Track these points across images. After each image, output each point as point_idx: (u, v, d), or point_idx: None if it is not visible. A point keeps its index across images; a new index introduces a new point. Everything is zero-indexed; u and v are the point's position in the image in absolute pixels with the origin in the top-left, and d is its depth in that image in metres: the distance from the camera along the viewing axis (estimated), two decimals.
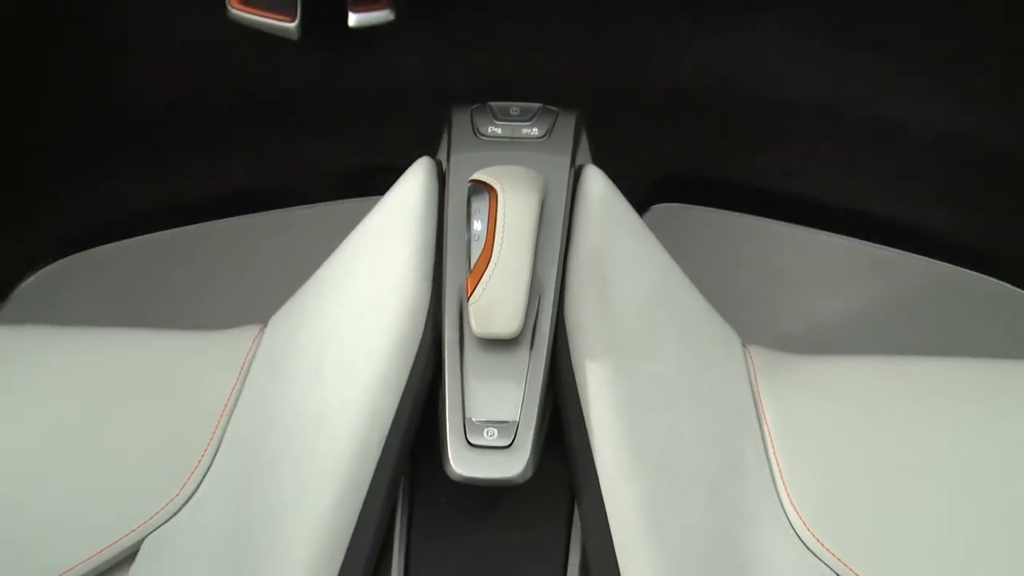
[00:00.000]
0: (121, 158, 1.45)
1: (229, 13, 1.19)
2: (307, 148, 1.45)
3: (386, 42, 1.35)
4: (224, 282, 1.34)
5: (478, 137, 0.87)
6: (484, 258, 0.75)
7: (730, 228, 1.39)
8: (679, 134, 1.44)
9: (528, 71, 1.40)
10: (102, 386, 0.84)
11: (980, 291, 1.35)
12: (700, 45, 1.43)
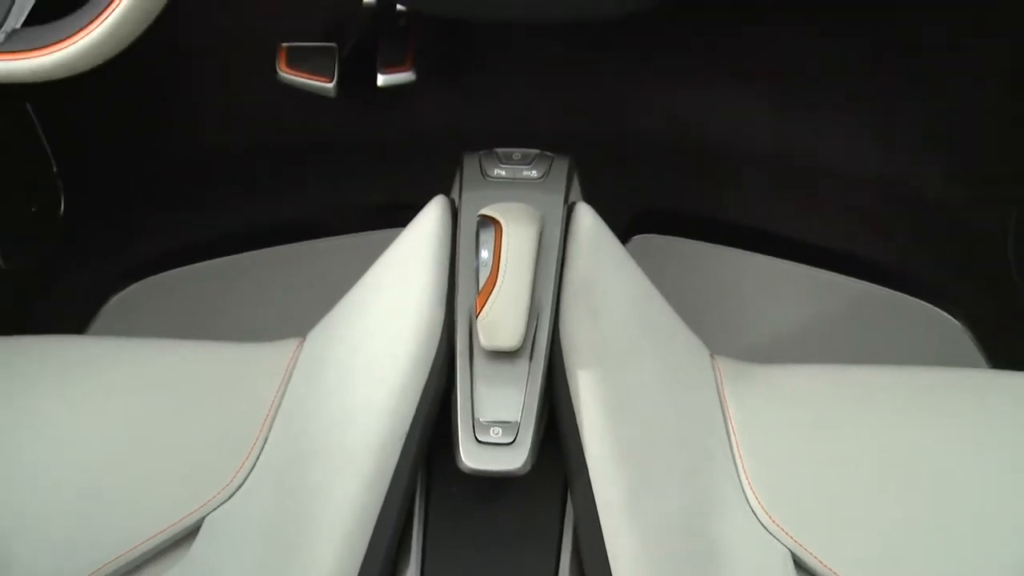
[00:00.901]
0: (188, 196, 1.46)
1: (278, 75, 1.19)
2: (341, 187, 1.45)
3: (409, 98, 1.35)
4: (269, 302, 1.34)
5: (485, 178, 0.86)
6: (490, 282, 0.74)
7: (699, 255, 1.39)
8: (655, 175, 1.43)
9: (527, 122, 1.40)
10: (168, 388, 0.84)
11: (905, 308, 1.35)
12: (670, 101, 1.43)
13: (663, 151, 1.42)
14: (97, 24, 0.67)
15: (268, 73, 1.20)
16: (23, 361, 0.86)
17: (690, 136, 1.42)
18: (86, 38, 0.68)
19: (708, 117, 1.41)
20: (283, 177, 1.45)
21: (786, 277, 1.37)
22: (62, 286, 1.34)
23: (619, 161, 1.37)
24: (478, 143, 0.91)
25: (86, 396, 0.82)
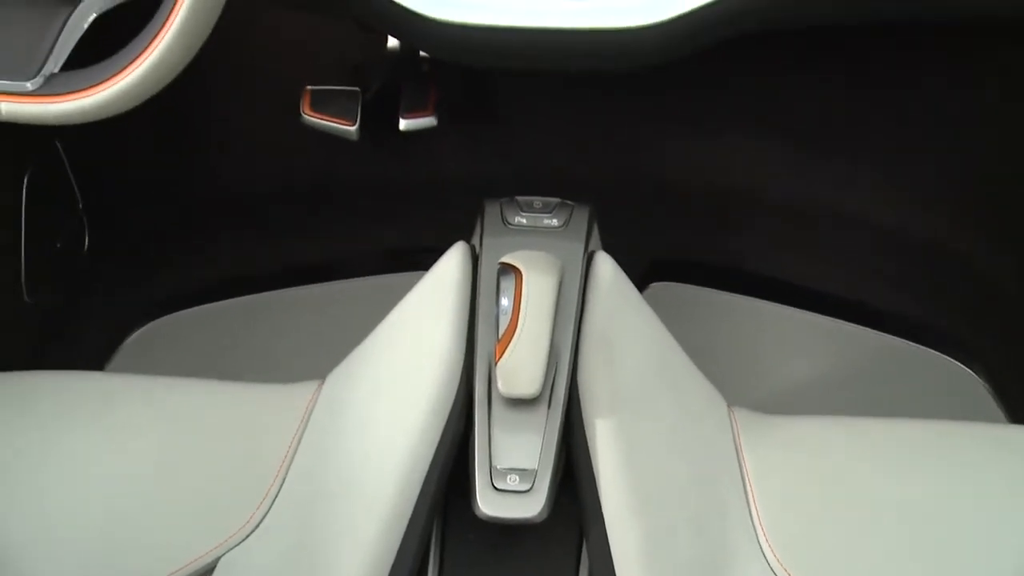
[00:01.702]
0: (209, 235, 1.47)
1: (302, 118, 1.21)
2: (361, 230, 1.47)
3: (430, 143, 1.37)
4: (288, 342, 1.35)
5: (506, 226, 0.87)
6: (510, 329, 0.75)
7: (716, 304, 1.39)
8: (673, 222, 1.44)
9: (547, 168, 1.41)
10: (187, 427, 0.84)
11: (923, 360, 1.34)
12: (689, 148, 1.44)
13: (681, 198, 1.43)
14: (130, 70, 0.69)
15: (292, 115, 1.22)
16: (43, 397, 0.87)
17: (708, 184, 1.43)
18: (119, 83, 0.69)
19: (727, 165, 1.43)
20: (304, 218, 1.46)
21: (803, 327, 1.37)
22: (83, 322, 1.36)
23: (637, 208, 1.38)
24: (498, 189, 0.93)
25: (105, 433, 0.83)
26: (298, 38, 1.36)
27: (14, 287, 1.22)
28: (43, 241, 1.26)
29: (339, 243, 1.47)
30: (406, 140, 1.24)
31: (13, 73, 0.70)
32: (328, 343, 1.00)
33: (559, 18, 0.80)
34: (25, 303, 1.24)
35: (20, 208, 1.21)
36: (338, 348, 0.92)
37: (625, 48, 0.84)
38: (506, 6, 0.81)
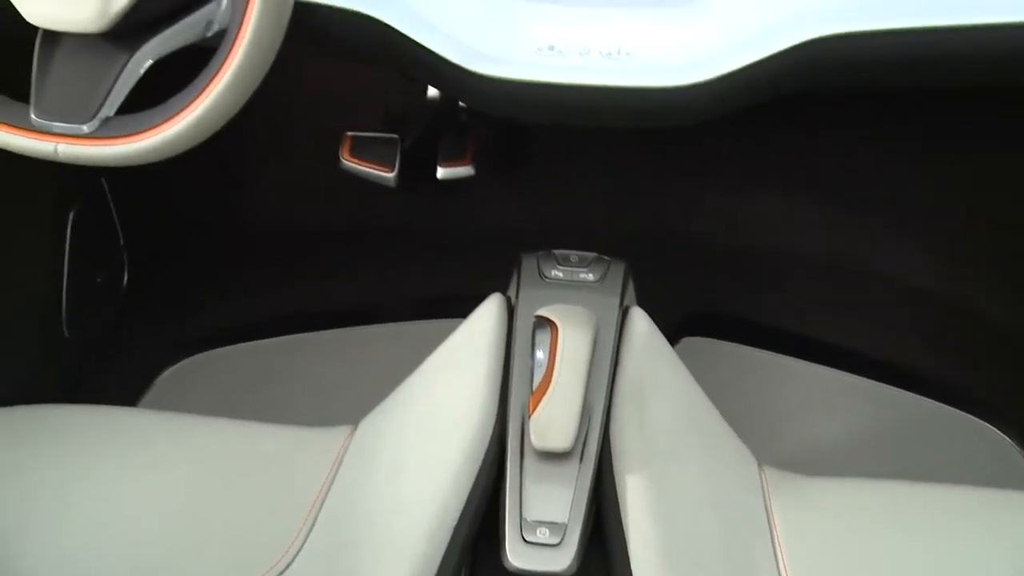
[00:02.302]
0: (245, 276, 1.49)
1: (341, 163, 1.22)
2: (396, 275, 1.48)
3: (467, 192, 1.38)
4: (320, 384, 1.36)
5: (543, 279, 0.88)
6: (545, 383, 0.75)
7: (748, 361, 1.39)
8: (706, 277, 1.45)
9: (581, 219, 1.42)
10: (218, 467, 0.85)
11: (955, 423, 1.33)
12: (724, 204, 1.45)
13: (715, 254, 1.43)
14: (182, 117, 0.70)
15: (331, 160, 1.23)
16: (77, 430, 0.88)
17: (743, 240, 1.43)
18: (171, 129, 0.71)
19: (761, 222, 1.43)
20: (340, 262, 1.48)
21: (834, 387, 1.36)
22: (119, 357, 1.37)
23: (671, 262, 1.38)
24: (533, 240, 0.93)
25: (136, 469, 0.84)
26: (339, 84, 1.38)
27: (55, 320, 1.24)
28: (84, 276, 1.28)
29: (373, 288, 1.48)
30: (443, 188, 1.25)
31: (71, 116, 0.71)
32: (360, 388, 1.00)
33: (603, 75, 0.81)
34: (64, 336, 1.25)
35: (64, 243, 1.23)
36: (370, 393, 0.93)
37: (668, 106, 0.84)
38: (551, 62, 0.82)
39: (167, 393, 1.36)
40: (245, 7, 0.67)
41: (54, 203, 1.23)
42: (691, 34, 0.83)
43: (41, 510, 0.80)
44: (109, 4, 0.67)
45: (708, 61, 0.82)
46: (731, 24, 0.83)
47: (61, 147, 0.72)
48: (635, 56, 0.82)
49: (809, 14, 0.81)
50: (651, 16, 0.84)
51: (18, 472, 0.83)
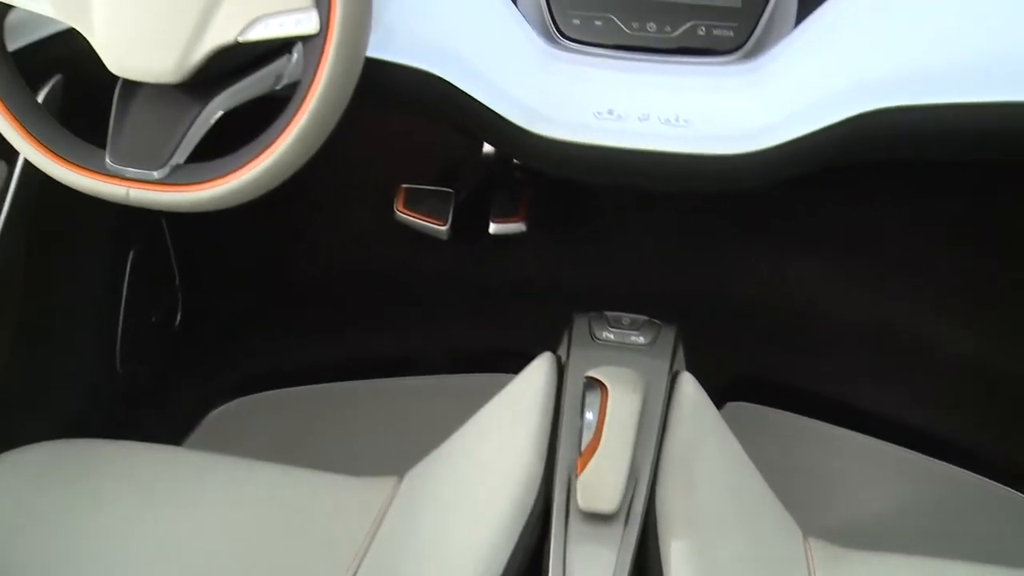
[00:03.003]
0: (296, 321, 1.50)
1: (395, 214, 1.24)
2: (445, 327, 1.48)
3: (518, 248, 1.39)
4: (365, 433, 1.36)
5: (594, 340, 0.88)
6: (593, 444, 0.75)
7: (793, 428, 1.37)
8: (753, 341, 1.44)
9: (630, 280, 1.42)
10: (262, 511, 0.85)
11: (1004, 500, 1.30)
12: (771, 268, 1.44)
13: (763, 318, 1.43)
14: (249, 168, 0.72)
15: (385, 210, 1.25)
16: (122, 467, 0.88)
17: (790, 304, 1.43)
18: (237, 180, 0.72)
19: (810, 288, 1.42)
20: (390, 311, 1.49)
21: (881, 458, 1.34)
22: (168, 395, 1.39)
23: (719, 324, 1.38)
24: (581, 297, 0.94)
25: (178, 509, 0.84)
26: (396, 136, 1.40)
27: (109, 356, 1.25)
28: (140, 314, 1.30)
29: (421, 339, 1.49)
30: (494, 243, 1.26)
31: (143, 162, 0.73)
32: (404, 438, 1.01)
33: (661, 141, 0.82)
34: (117, 373, 1.27)
35: (123, 281, 1.26)
36: (414, 444, 0.93)
37: (724, 173, 0.85)
38: (609, 126, 0.83)
39: (213, 434, 1.38)
40: (318, 62, 0.68)
41: (116, 241, 1.25)
42: (749, 103, 0.84)
43: (83, 544, 0.81)
44: (187, 58, 0.69)
45: (765, 130, 0.83)
46: (789, 94, 0.83)
47: (133, 192, 0.74)
48: (693, 123, 0.83)
49: (867, 86, 0.81)
50: (710, 84, 0.84)
51: (63, 505, 0.84)
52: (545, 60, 0.84)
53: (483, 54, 0.85)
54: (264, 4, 0.68)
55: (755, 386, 1.40)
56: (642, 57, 0.85)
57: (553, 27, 0.85)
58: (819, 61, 0.83)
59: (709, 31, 0.84)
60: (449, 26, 0.86)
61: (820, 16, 0.84)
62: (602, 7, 0.84)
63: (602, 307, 0.92)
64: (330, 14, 0.67)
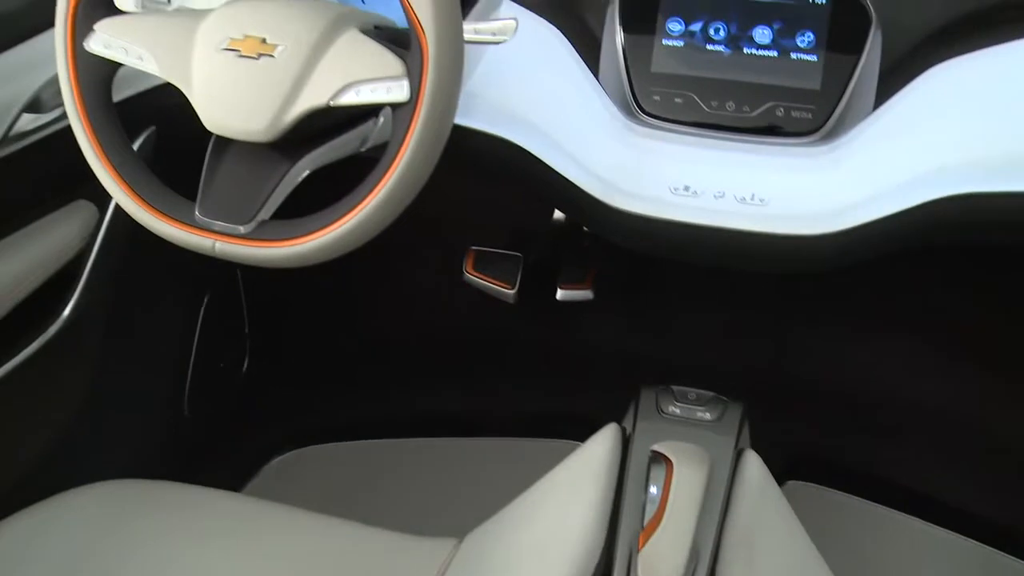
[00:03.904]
0: (361, 375, 1.52)
1: (464, 276, 1.25)
2: (509, 389, 1.49)
3: (583, 315, 1.39)
4: (423, 491, 1.36)
5: (660, 414, 0.88)
6: (656, 519, 0.74)
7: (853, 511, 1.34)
8: (815, 421, 1.42)
9: (695, 353, 1.41)
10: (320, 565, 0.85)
11: None
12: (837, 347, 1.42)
13: (826, 397, 1.41)
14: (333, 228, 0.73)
15: (454, 271, 1.26)
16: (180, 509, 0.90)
17: (854, 384, 1.40)
18: (321, 239, 0.74)
19: (877, 370, 1.40)
20: (454, 371, 1.50)
21: (943, 548, 1.30)
22: (231, 441, 1.40)
23: (783, 402, 1.36)
24: (646, 367, 0.94)
25: (234, 555, 0.85)
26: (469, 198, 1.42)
27: (178, 400, 1.28)
28: (209, 359, 1.33)
29: (484, 400, 1.49)
30: (561, 309, 1.26)
31: (230, 216, 0.75)
32: (464, 499, 1.00)
33: (736, 219, 0.82)
34: (184, 416, 1.29)
35: (196, 325, 1.28)
36: (472, 506, 0.93)
37: (798, 254, 0.84)
38: (685, 202, 0.83)
39: (273, 482, 1.39)
40: (407, 129, 0.69)
41: (193, 287, 1.28)
42: (826, 185, 0.84)
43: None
44: (279, 119, 0.71)
45: (841, 213, 0.83)
46: (867, 177, 0.83)
47: (219, 245, 0.75)
48: (769, 202, 0.83)
49: (945, 172, 0.81)
50: (787, 164, 0.85)
51: (120, 543, 0.85)
52: (624, 134, 0.86)
53: (563, 125, 0.87)
54: (357, 71, 0.70)
55: (816, 465, 1.38)
56: (720, 135, 0.85)
57: (633, 102, 0.86)
58: (897, 146, 0.83)
59: (788, 112, 0.85)
60: (531, 96, 0.88)
61: (899, 100, 0.84)
62: (683, 85, 0.85)
63: (667, 378, 0.92)
64: (421, 83, 0.68)
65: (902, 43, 0.87)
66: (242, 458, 1.40)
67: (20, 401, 1.00)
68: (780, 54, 0.86)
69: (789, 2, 0.86)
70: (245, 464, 1.40)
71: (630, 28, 0.87)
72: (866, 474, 1.38)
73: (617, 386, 0.96)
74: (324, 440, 1.43)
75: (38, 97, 0.93)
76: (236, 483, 1.37)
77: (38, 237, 0.97)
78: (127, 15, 0.77)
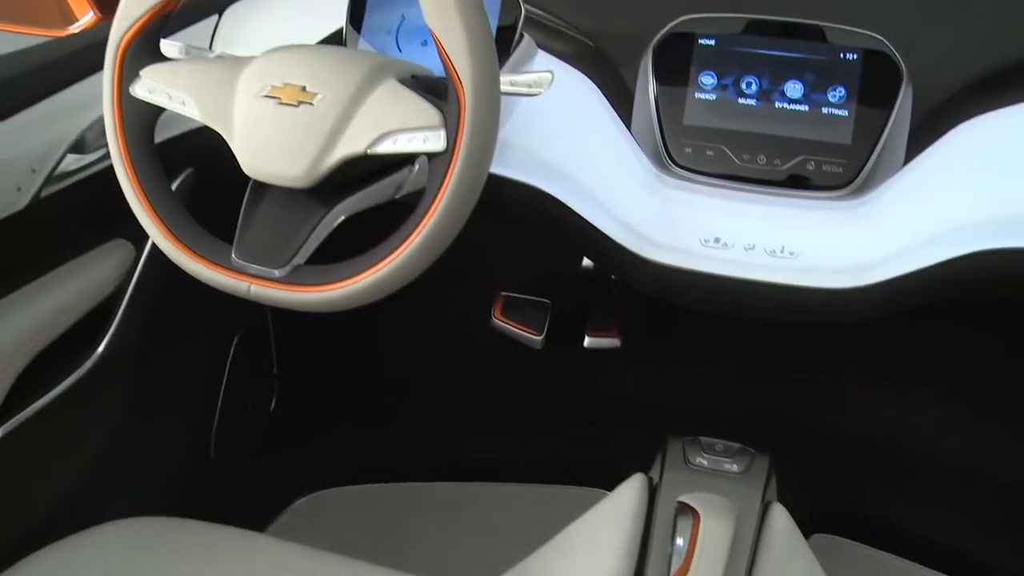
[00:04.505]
0: (386, 418, 1.52)
1: (492, 321, 1.25)
2: (534, 435, 1.48)
3: (610, 362, 1.39)
4: (447, 536, 1.35)
5: (687, 465, 0.88)
6: (682, 571, 0.74)
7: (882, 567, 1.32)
8: (841, 474, 1.40)
9: (722, 404, 1.41)
10: None
11: None
12: (865, 401, 1.41)
13: (853, 449, 1.40)
14: (368, 275, 0.74)
15: (482, 316, 1.27)
16: (203, 548, 0.89)
17: (882, 438, 1.39)
18: (355, 285, 0.74)
19: (906, 423, 1.39)
20: (479, 415, 1.50)
21: None
22: (256, 481, 1.41)
23: (810, 453, 1.35)
24: (673, 416, 0.93)
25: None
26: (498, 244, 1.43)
27: (204, 439, 1.28)
28: (237, 399, 1.33)
29: (509, 444, 1.49)
30: (588, 356, 1.27)
31: (266, 260, 0.76)
32: (487, 545, 1.00)
33: (766, 272, 0.82)
34: (210, 456, 1.30)
35: (226, 366, 1.29)
36: (496, 552, 0.93)
37: (826, 307, 0.85)
38: (715, 254, 0.84)
39: (296, 523, 1.39)
40: (443, 179, 0.70)
41: (224, 327, 1.29)
42: (856, 238, 0.84)
43: None
44: (317, 166, 0.72)
45: (871, 266, 0.83)
46: (897, 231, 0.83)
47: (254, 288, 0.76)
48: (799, 255, 0.83)
49: (976, 227, 0.81)
50: (817, 218, 0.85)
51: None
52: (655, 185, 0.86)
53: (595, 176, 0.88)
54: (394, 120, 0.71)
55: (844, 518, 1.36)
56: (751, 188, 0.86)
57: (665, 154, 0.87)
58: (928, 200, 0.83)
59: (819, 166, 0.85)
60: (564, 146, 0.89)
61: (929, 155, 0.84)
62: (714, 138, 0.86)
63: (693, 427, 0.92)
64: (458, 134, 0.69)
65: (933, 98, 0.88)
66: (266, 498, 1.41)
67: (50, 437, 1.01)
68: (811, 108, 0.86)
69: (820, 57, 0.87)
70: (269, 504, 1.40)
71: (663, 81, 0.88)
72: (893, 528, 1.36)
73: (644, 434, 0.96)
74: (349, 482, 1.43)
75: (83, 138, 0.95)
76: (260, 523, 1.37)
77: (76, 274, 0.99)
78: (171, 61, 0.79)
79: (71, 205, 0.97)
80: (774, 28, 0.89)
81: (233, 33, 1.06)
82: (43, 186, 0.92)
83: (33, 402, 0.96)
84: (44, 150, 0.92)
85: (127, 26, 0.76)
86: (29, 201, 0.91)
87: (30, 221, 0.91)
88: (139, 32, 0.76)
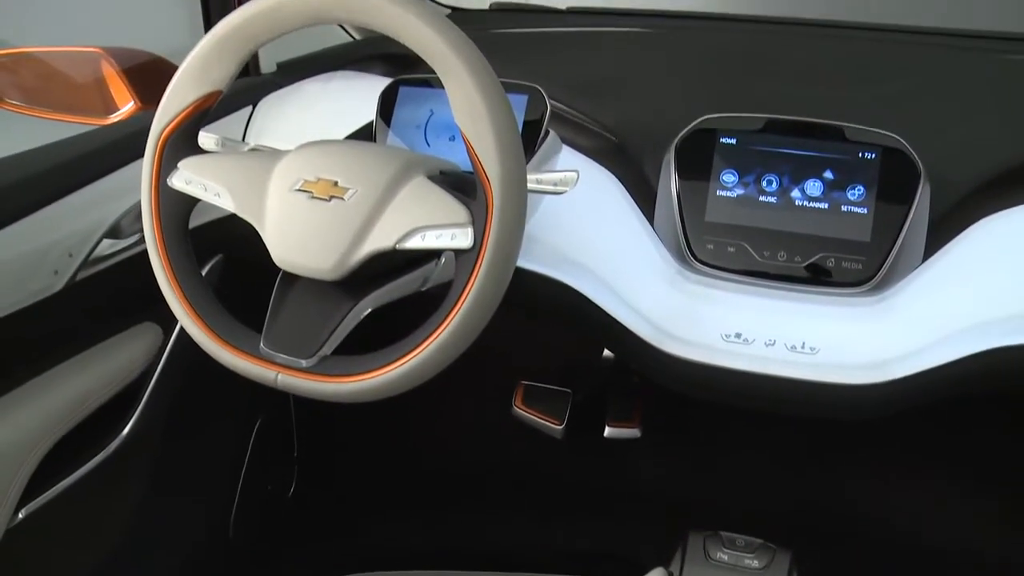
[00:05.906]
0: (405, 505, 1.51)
1: (513, 410, 1.26)
2: (553, 525, 1.47)
3: (630, 452, 1.39)
4: None
5: (708, 560, 0.88)
6: None
7: None
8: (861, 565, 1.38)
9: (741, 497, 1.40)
10: None
11: None
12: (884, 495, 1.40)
13: (874, 542, 1.38)
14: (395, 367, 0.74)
15: (503, 405, 1.27)
16: None
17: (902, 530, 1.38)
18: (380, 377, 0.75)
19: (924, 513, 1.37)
20: (498, 504, 1.49)
21: None
22: (273, 568, 1.40)
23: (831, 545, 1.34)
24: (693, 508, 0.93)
25: None
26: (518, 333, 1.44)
27: (223, 522, 1.28)
28: (257, 482, 1.34)
29: (528, 534, 1.48)
30: (608, 446, 1.27)
31: (293, 350, 0.77)
32: None
33: (787, 368, 0.83)
34: (228, 539, 1.30)
35: (247, 449, 1.30)
36: None
37: (847, 402, 0.85)
38: (736, 349, 0.85)
39: None
40: (470, 275, 0.72)
41: (246, 410, 1.30)
42: (876, 335, 0.85)
43: None
44: (346, 260, 0.74)
45: (891, 362, 0.84)
46: (917, 328, 0.84)
47: (281, 377, 0.78)
48: (819, 351, 0.84)
49: (995, 323, 0.82)
50: (837, 313, 0.86)
51: None
52: (677, 281, 0.88)
53: (618, 270, 0.89)
54: (423, 217, 0.73)
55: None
56: (771, 284, 0.87)
57: (687, 250, 0.89)
58: (947, 297, 0.84)
59: (838, 263, 0.87)
60: (587, 241, 0.91)
61: (948, 252, 0.85)
62: (736, 235, 0.88)
63: (714, 521, 0.92)
64: (485, 232, 0.70)
65: (950, 196, 0.90)
66: None
67: (74, 517, 1.01)
68: (831, 206, 0.88)
69: (840, 156, 0.89)
70: None
71: (686, 177, 0.90)
72: None
73: (664, 526, 0.95)
74: (365, 569, 1.42)
75: (118, 224, 0.98)
76: None
77: (105, 357, 1.01)
78: (208, 154, 0.82)
79: (103, 288, 0.99)
80: (794, 127, 0.91)
81: (267, 124, 1.09)
82: (79, 270, 0.95)
83: (56, 484, 0.97)
84: (82, 235, 0.94)
85: (167, 121, 0.79)
86: (64, 284, 0.93)
87: (64, 304, 0.93)
88: (179, 127, 0.79)
